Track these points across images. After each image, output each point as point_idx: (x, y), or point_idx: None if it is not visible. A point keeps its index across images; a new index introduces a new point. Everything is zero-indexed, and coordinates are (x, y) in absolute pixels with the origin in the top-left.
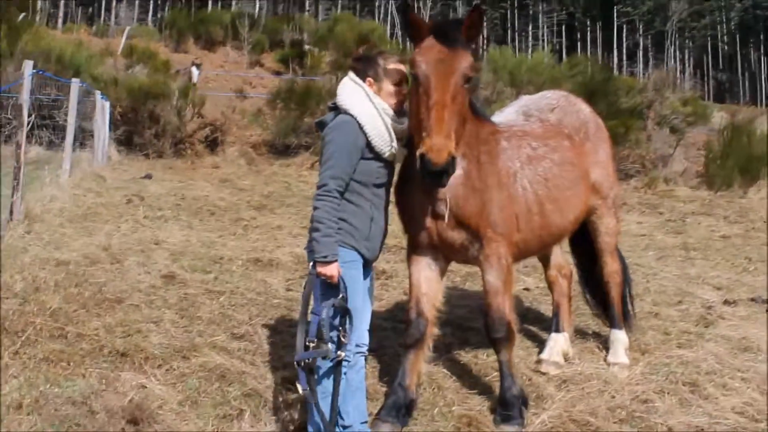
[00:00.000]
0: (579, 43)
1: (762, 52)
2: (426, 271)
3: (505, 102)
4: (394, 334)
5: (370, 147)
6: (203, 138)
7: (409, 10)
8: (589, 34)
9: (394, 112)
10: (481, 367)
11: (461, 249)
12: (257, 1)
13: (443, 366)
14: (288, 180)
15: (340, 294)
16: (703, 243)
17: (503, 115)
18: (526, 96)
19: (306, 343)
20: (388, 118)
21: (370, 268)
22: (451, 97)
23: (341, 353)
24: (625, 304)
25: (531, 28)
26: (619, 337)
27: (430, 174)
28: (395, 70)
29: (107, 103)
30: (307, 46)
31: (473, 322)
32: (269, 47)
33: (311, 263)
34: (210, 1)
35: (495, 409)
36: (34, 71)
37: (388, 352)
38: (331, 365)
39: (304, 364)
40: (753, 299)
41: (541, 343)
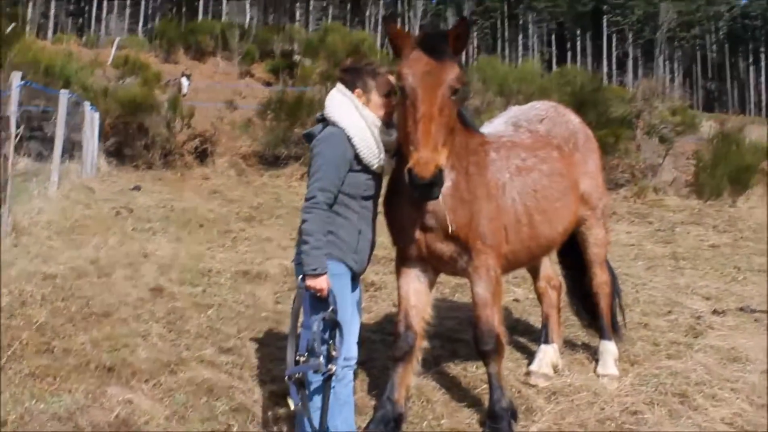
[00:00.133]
0: (569, 53)
1: (750, 62)
2: (415, 283)
3: (495, 112)
4: (383, 346)
5: (358, 159)
6: (193, 149)
7: (391, 23)
8: (579, 43)
9: (383, 123)
10: (470, 379)
11: (450, 261)
12: (247, 11)
13: (432, 379)
14: (278, 191)
15: (330, 307)
16: (693, 252)
17: (492, 126)
18: (515, 107)
19: (296, 357)
20: (376, 130)
21: (357, 280)
22: (438, 109)
23: (332, 367)
24: (614, 315)
25: (521, 37)
26: (609, 349)
27: (418, 188)
28: (384, 82)
29: (96, 114)
30: (298, 57)
31: (462, 334)
32: (259, 57)
33: (300, 276)
34: (200, 11)
35: (484, 422)
36: (23, 83)
37: (377, 364)
38: (321, 379)
39: (295, 379)
40: (742, 309)
41: (530, 355)
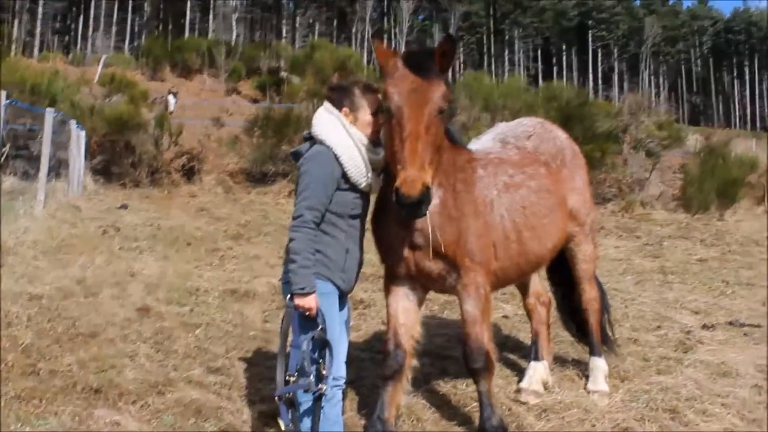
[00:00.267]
0: (555, 68)
1: (735, 75)
2: (404, 301)
3: (481, 128)
4: (372, 364)
5: (345, 178)
6: (180, 167)
7: (378, 41)
8: (564, 58)
9: (370, 142)
10: (460, 397)
11: (439, 278)
12: (234, 28)
13: (422, 397)
14: (265, 208)
15: (319, 326)
16: (681, 267)
17: (480, 143)
18: (503, 123)
19: (286, 377)
20: (364, 149)
21: (345, 299)
22: (425, 127)
23: (322, 386)
24: (604, 331)
25: (507, 53)
26: (599, 365)
27: (405, 207)
28: (371, 100)
29: (83, 133)
30: (285, 73)
31: (452, 351)
32: (246, 74)
33: (288, 296)
34: (186, 28)
35: None
36: (8, 101)
37: (367, 383)
38: (311, 399)
39: (285, 399)
40: (731, 323)
41: (520, 372)
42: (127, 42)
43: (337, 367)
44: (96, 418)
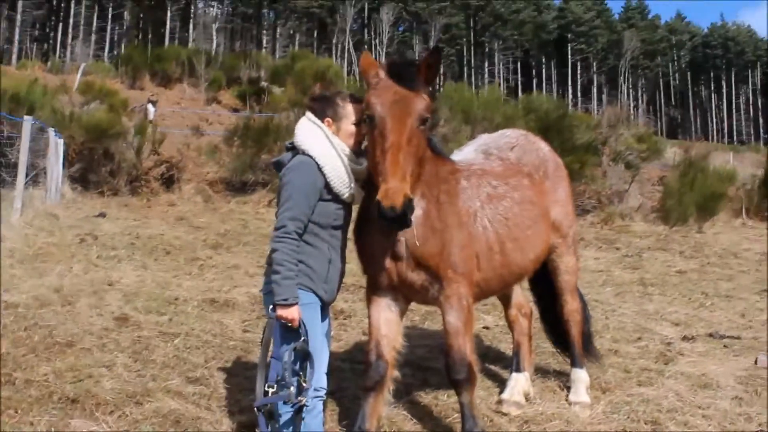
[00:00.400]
0: (534, 80)
1: (712, 89)
2: (386, 312)
3: (462, 140)
4: (353, 375)
5: (328, 188)
6: (159, 175)
7: (364, 51)
8: (544, 71)
9: (353, 152)
10: (441, 408)
11: (421, 290)
12: (214, 37)
13: (403, 408)
14: (245, 217)
15: (301, 337)
16: (660, 278)
17: (462, 154)
18: (485, 134)
19: (266, 388)
20: (347, 159)
21: (327, 310)
22: (407, 139)
23: (302, 398)
24: (586, 342)
25: (487, 65)
26: (581, 376)
27: (387, 219)
28: (354, 110)
29: (61, 141)
30: (265, 83)
31: (433, 362)
32: (226, 84)
33: (270, 306)
34: (166, 37)
35: None
36: None
37: (347, 394)
38: (292, 410)
39: (264, 410)
40: (711, 335)
41: (501, 383)
42: (106, 51)
43: (318, 378)
44: (73, 429)
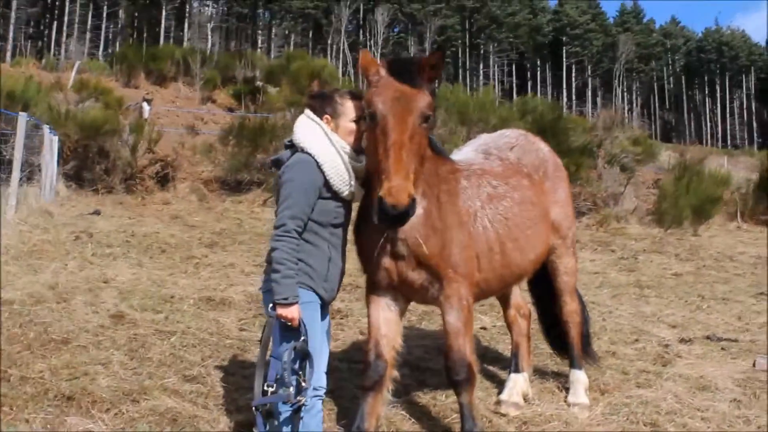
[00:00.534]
0: (529, 83)
1: (706, 94)
2: (385, 311)
3: (458, 141)
4: (350, 375)
5: (328, 186)
6: (154, 174)
7: (364, 49)
8: (539, 73)
9: (353, 149)
10: (440, 409)
11: (421, 289)
12: (209, 37)
13: (402, 408)
14: (240, 217)
15: (301, 337)
16: (656, 281)
17: (462, 154)
18: (485, 134)
19: (265, 387)
20: (346, 157)
21: (327, 309)
22: (410, 136)
23: (301, 398)
24: (585, 344)
25: (482, 67)
26: (579, 378)
27: (390, 217)
28: (353, 107)
29: (56, 138)
30: (260, 83)
31: (430, 363)
32: (221, 83)
33: (270, 305)
34: (161, 36)
35: None
36: None
37: (345, 394)
38: (290, 410)
39: (262, 410)
40: (708, 337)
41: (499, 384)
42: (101, 49)
43: (318, 378)
44: (68, 426)
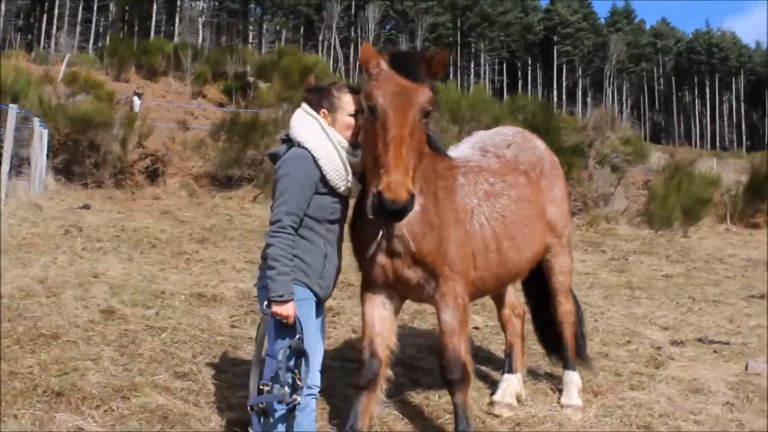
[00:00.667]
0: (520, 81)
1: (696, 95)
2: (380, 309)
3: (450, 139)
4: (343, 373)
5: (324, 181)
6: (144, 169)
7: (364, 42)
8: (529, 72)
9: (350, 144)
10: (433, 408)
11: (417, 287)
12: (200, 31)
13: (395, 408)
14: (230, 213)
15: (297, 335)
16: (647, 282)
17: (459, 151)
18: (482, 131)
19: (260, 386)
20: (343, 152)
21: (322, 306)
22: (410, 132)
23: (296, 397)
24: (579, 344)
25: (473, 65)
26: (573, 379)
27: (388, 213)
28: (350, 101)
29: (45, 131)
30: (251, 78)
31: (423, 362)
32: (212, 78)
33: (265, 302)
34: (152, 30)
35: None
36: None
37: (338, 392)
38: (285, 409)
39: (257, 408)
40: (700, 340)
41: (492, 384)
42: (91, 42)
43: (313, 376)
44: (58, 423)
